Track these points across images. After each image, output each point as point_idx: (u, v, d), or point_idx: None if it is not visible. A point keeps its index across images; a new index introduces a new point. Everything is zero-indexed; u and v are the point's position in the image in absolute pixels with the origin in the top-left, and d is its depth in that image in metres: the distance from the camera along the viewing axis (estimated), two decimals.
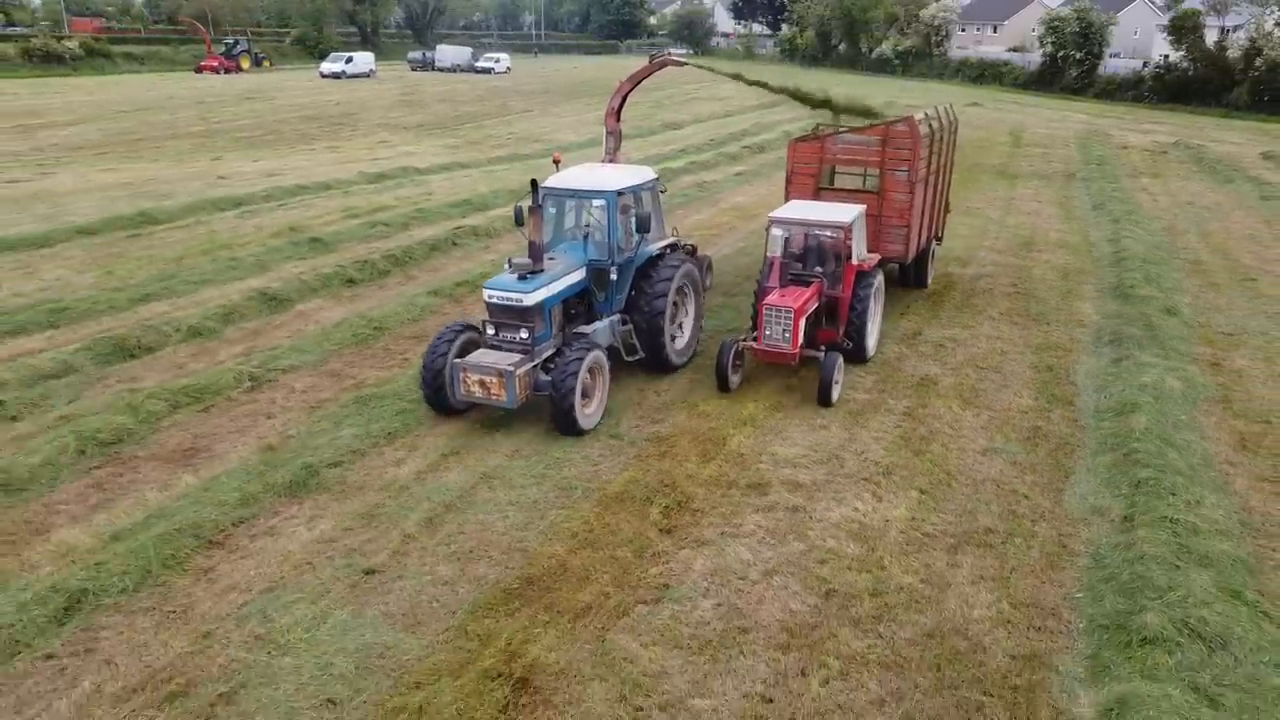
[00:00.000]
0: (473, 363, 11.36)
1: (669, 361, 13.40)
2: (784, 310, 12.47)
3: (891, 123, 16.04)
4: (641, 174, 13.59)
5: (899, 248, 15.94)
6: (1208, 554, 8.85)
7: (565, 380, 11.16)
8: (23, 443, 11.26)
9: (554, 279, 11.93)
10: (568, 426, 11.41)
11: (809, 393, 13.02)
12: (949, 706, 7.15)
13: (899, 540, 9.45)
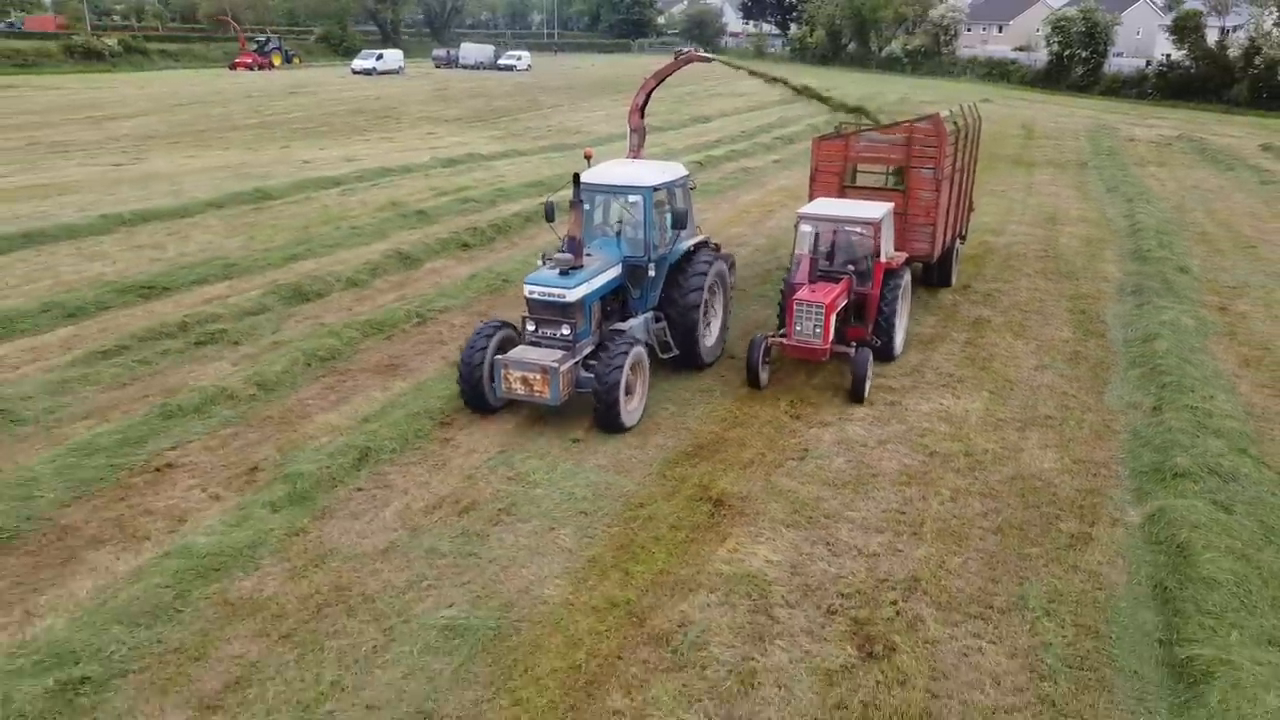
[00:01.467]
0: (515, 359, 11.26)
1: (701, 358, 13.32)
2: (815, 306, 12.41)
3: (917, 121, 16.05)
4: (674, 170, 13.38)
5: (925, 246, 15.86)
6: (1220, 429, 11.50)
7: (610, 376, 11.04)
8: (255, 359, 13.89)
9: (594, 275, 11.76)
10: (611, 423, 11.31)
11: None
12: (1034, 518, 9.79)
13: (978, 423, 12.11)
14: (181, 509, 9.73)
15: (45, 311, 15.46)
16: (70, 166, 30.15)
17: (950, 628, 7.90)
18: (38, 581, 8.44)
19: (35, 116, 44.29)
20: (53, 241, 20.05)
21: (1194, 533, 8.98)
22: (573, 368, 11.36)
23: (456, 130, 44.25)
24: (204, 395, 12.27)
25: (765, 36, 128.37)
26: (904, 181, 15.76)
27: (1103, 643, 7.73)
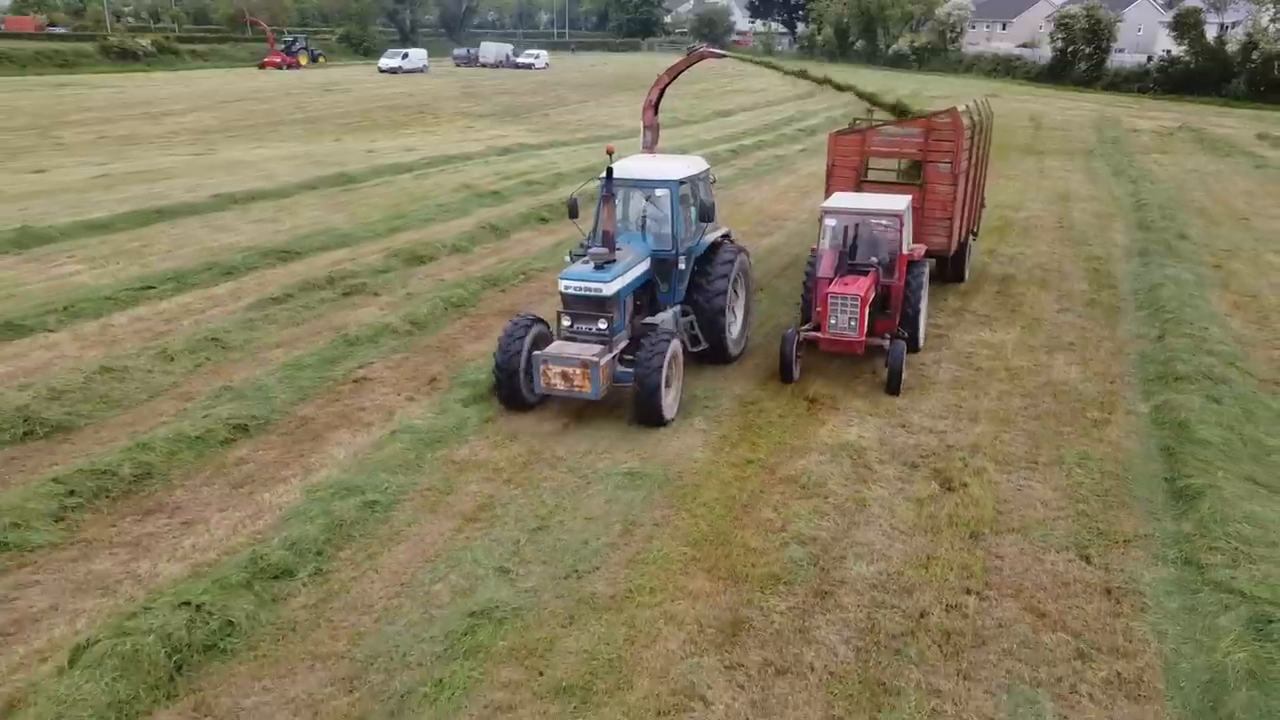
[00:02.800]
0: (554, 354, 11.26)
1: (728, 352, 13.39)
2: (850, 298, 12.48)
3: (934, 115, 16.32)
4: (697, 164, 13.48)
5: (942, 240, 15.96)
6: (1212, 349, 14.05)
7: (652, 369, 11.05)
8: (399, 306, 16.44)
9: (628, 269, 11.83)
10: (653, 416, 11.33)
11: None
12: (1064, 410, 12.34)
13: (1014, 348, 14.68)
14: (388, 405, 12.32)
15: (207, 270, 18.07)
16: (155, 156, 32.76)
17: (1006, 474, 10.49)
18: (302, 450, 11.03)
19: (96, 113, 46.86)
20: (181, 217, 22.67)
21: (1191, 414, 11.55)
22: (611, 362, 11.37)
23: (493, 125, 46.82)
24: (372, 330, 14.86)
25: (774, 35, 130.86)
26: (921, 176, 15.90)
27: (1121, 482, 10.31)
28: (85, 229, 20.96)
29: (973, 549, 8.94)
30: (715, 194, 13.89)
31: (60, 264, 18.47)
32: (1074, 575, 8.53)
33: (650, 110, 16.38)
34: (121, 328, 14.97)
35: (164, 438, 10.81)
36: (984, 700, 6.91)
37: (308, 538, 8.81)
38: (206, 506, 9.70)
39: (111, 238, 20.56)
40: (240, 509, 9.63)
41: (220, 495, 9.95)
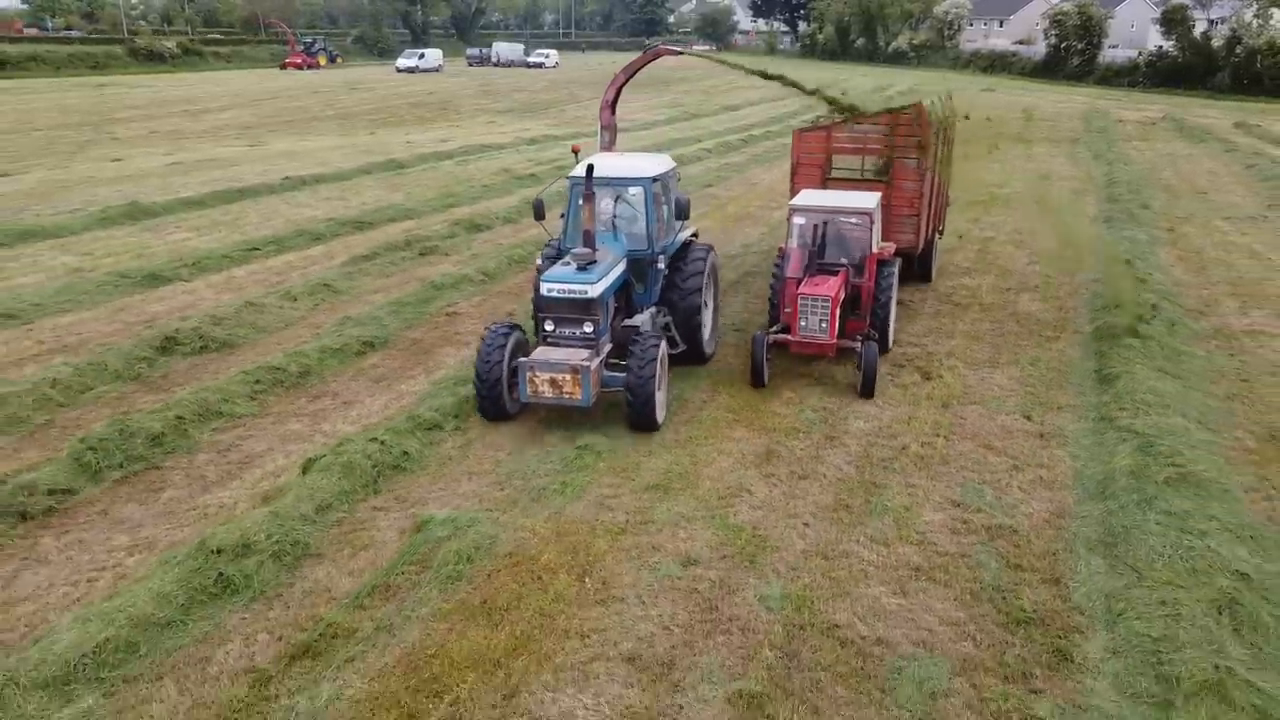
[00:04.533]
0: (541, 360, 10.84)
1: (703, 352, 13.22)
2: (821, 299, 12.17)
3: (900, 110, 16.06)
4: (664, 161, 13.26)
5: (910, 237, 15.68)
6: (1151, 288, 16.99)
7: (644, 370, 10.74)
8: (468, 263, 19.41)
9: (609, 270, 11.45)
10: (646, 421, 10.98)
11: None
12: (1024, 330, 15.29)
13: (987, 290, 17.65)
14: (479, 331, 15.28)
15: (299, 236, 21.09)
16: (211, 148, 35.76)
17: (973, 370, 13.47)
18: (419, 359, 14.03)
19: (140, 111, 49.85)
20: (261, 196, 25.70)
21: (1122, 330, 14.50)
22: (600, 366, 11.04)
23: (514, 120, 49.75)
24: (452, 279, 17.86)
25: (776, 34, 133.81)
26: (887, 172, 15.65)
27: (1061, 374, 13.30)
28: (182, 205, 23.98)
29: (943, 413, 11.94)
30: (726, 178, 15.49)
31: (171, 232, 21.49)
32: (1017, 427, 11.53)
33: (607, 110, 15.99)
34: (244, 278, 17.98)
35: (312, 349, 13.83)
36: (945, 490, 9.90)
37: (445, 407, 11.80)
38: (359, 393, 12.71)
39: (206, 212, 23.58)
40: (385, 395, 12.64)
41: (366, 386, 12.95)
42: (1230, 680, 6.57)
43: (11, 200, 24.16)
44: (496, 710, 6.66)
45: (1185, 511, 8.93)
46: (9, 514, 9.18)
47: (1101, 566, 8.44)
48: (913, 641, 7.42)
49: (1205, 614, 7.37)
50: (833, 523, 9.22)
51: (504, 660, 7.17)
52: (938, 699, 6.76)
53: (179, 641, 7.41)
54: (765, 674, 6.99)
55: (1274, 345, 14.48)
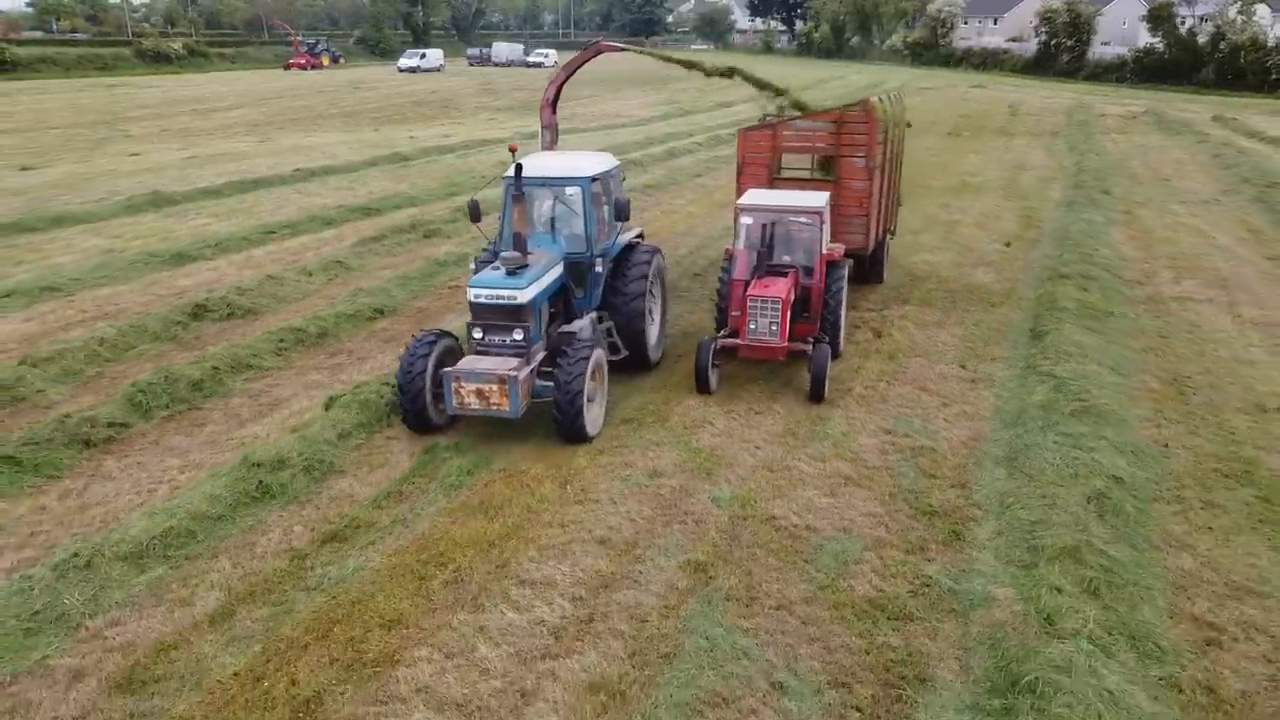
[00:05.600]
0: (467, 370, 10.39)
1: (648, 358, 12.84)
2: (771, 301, 11.81)
3: (847, 107, 15.71)
4: (608, 160, 12.79)
5: (860, 238, 15.41)
6: (1097, 262, 18.49)
7: (572, 383, 10.32)
8: (469, 244, 20.96)
9: (542, 274, 11.00)
10: (575, 433, 10.57)
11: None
12: (973, 298, 16.80)
13: (946, 265, 19.17)
14: None
15: (311, 221, 22.68)
16: (223, 143, 37.38)
17: (921, 329, 15.01)
18: (424, 324, 15.55)
19: (151, 110, 51.49)
20: (274, 186, 27.28)
21: (1060, 296, 16.03)
22: (529, 375, 10.58)
23: (514, 117, 51.34)
24: (455, 257, 19.43)
25: (774, 33, 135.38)
26: (834, 171, 15.43)
27: (999, 333, 14.84)
28: (201, 194, 25.57)
29: (888, 364, 13.50)
30: (714, 168, 15.52)
31: (192, 218, 23.07)
32: (952, 374, 13.08)
33: (548, 109, 15.46)
34: (262, 257, 19.55)
35: (328, 315, 15.40)
36: (880, 421, 11.46)
37: None
38: (371, 350, 14.27)
39: (224, 200, 25.17)
40: (395, 351, 14.10)
41: (378, 345, 14.51)
42: (1085, 548, 8.10)
43: (41, 191, 25.78)
44: (491, 575, 8.21)
45: (1080, 434, 10.47)
46: (75, 442, 10.74)
47: (1002, 475, 9.99)
48: (835, 528, 8.97)
49: (1077, 504, 8.90)
50: (780, 445, 10.77)
51: (498, 542, 8.73)
52: (849, 565, 8.31)
53: (229, 531, 8.97)
54: (711, 549, 8.55)
55: (1197, 309, 16.02)
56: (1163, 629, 7.31)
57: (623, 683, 6.82)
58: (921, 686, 6.79)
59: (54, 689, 6.83)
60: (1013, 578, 7.99)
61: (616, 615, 7.62)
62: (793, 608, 7.71)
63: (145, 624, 7.58)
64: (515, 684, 6.84)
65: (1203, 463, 10.25)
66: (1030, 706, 6.21)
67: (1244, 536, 8.76)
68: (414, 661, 7.07)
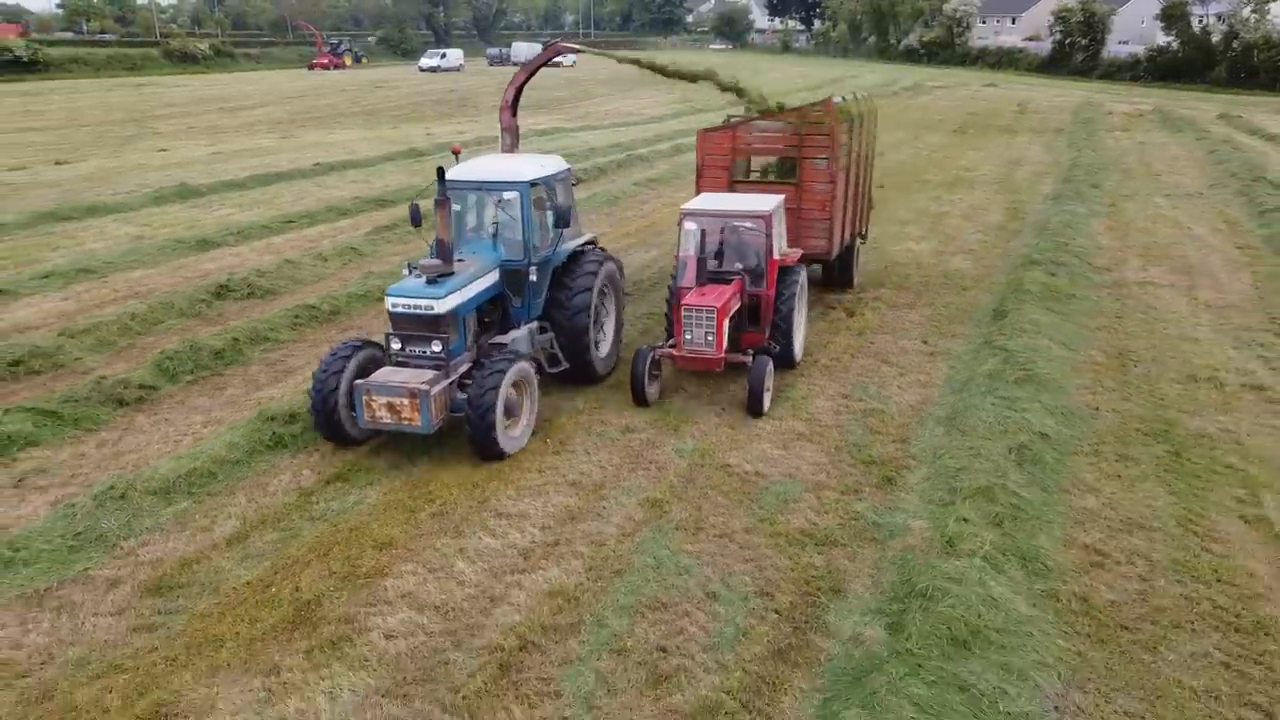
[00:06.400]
0: (378, 383, 9.98)
1: (594, 370, 12.37)
2: (706, 310, 11.35)
3: (808, 107, 15.19)
4: (554, 163, 12.35)
5: (822, 242, 15.03)
6: (1070, 250, 19.38)
7: (484, 397, 9.86)
8: None
9: (467, 283, 10.62)
10: (487, 450, 10.09)
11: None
12: (947, 283, 17.73)
13: (927, 253, 20.14)
14: None
15: (328, 211, 23.96)
16: (247, 140, 38.84)
17: (892, 310, 16.03)
18: None
19: (179, 108, 53.16)
20: (294, 179, 28.61)
21: (1031, 283, 16.96)
22: (447, 389, 10.19)
23: (530, 115, 52.32)
24: None
25: (791, 32, 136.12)
26: (796, 173, 15.00)
27: (966, 313, 15.82)
28: (224, 186, 26.93)
29: (857, 339, 14.54)
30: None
31: (216, 209, 24.39)
32: (914, 349, 14.11)
33: (507, 111, 15.24)
34: (281, 244, 20.82)
35: (341, 294, 16.62)
36: (839, 388, 12.51)
37: None
38: (380, 327, 15.19)
39: (247, 193, 26.50)
40: None
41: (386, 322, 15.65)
42: (998, 489, 9.12)
43: (74, 183, 27.23)
44: (472, 509, 9.35)
45: (1018, 398, 11.47)
46: (110, 401, 11.98)
47: (940, 432, 11.03)
48: (782, 474, 10.04)
49: (1000, 455, 9.91)
50: (743, 407, 11.83)
51: (481, 483, 9.87)
52: (789, 503, 9.38)
53: (245, 473, 10.16)
54: (668, 490, 9.65)
55: (1157, 293, 16.93)
56: (1053, 553, 8.33)
57: (578, 591, 7.93)
58: (835, 596, 7.86)
59: (94, 593, 8.02)
60: (930, 513, 9.03)
61: (579, 541, 8.74)
62: (734, 536, 8.80)
63: (171, 545, 8.77)
64: (486, 592, 7.97)
65: (1127, 424, 11.23)
66: (920, 608, 7.25)
67: (1148, 483, 9.75)
68: (401, 574, 8.21)
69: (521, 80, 15.36)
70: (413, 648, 7.24)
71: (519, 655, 7.11)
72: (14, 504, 9.54)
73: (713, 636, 7.33)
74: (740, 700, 6.60)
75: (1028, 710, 6.32)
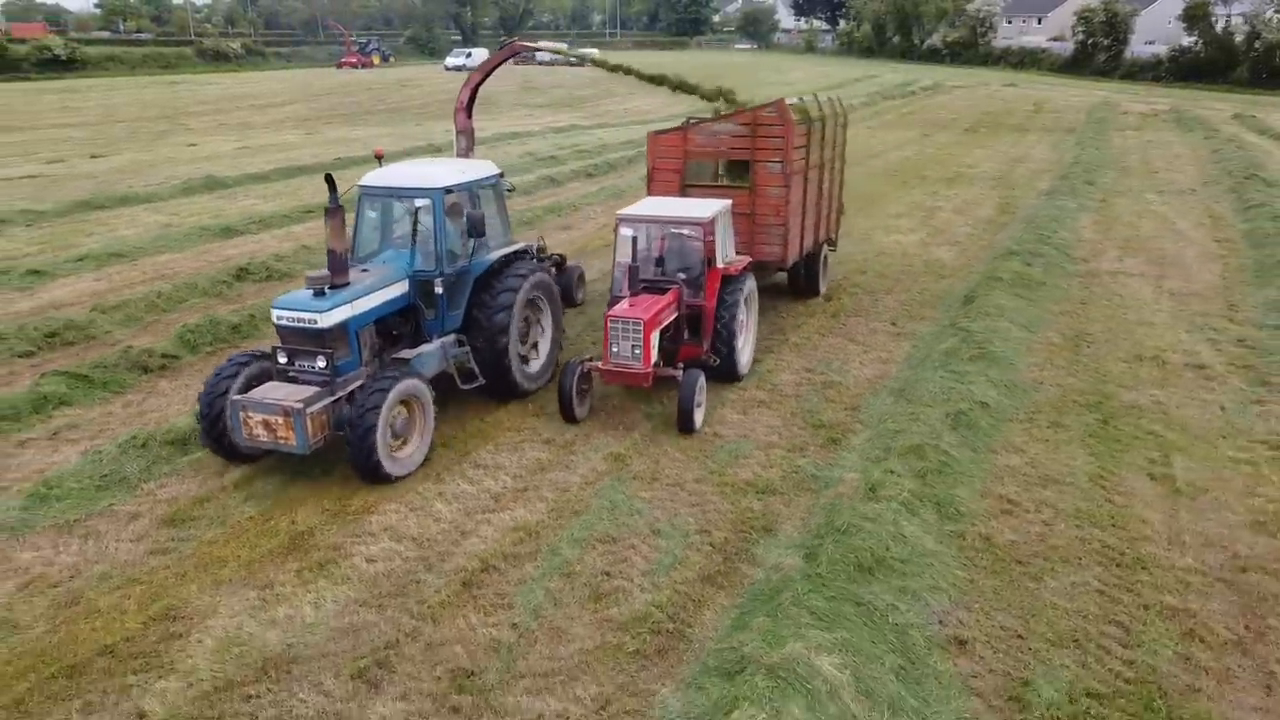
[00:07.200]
0: (254, 400, 9.52)
1: (517, 386, 11.77)
2: (632, 323, 10.82)
3: (760, 108, 14.52)
4: (480, 169, 11.97)
5: (776, 249, 14.43)
6: (1052, 243, 20.15)
7: (364, 418, 9.40)
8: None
9: (361, 294, 10.22)
10: (370, 473, 9.63)
11: None
12: (928, 272, 18.59)
13: (914, 244, 20.98)
14: None
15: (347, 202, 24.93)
16: (274, 136, 40.24)
17: (869, 295, 16.92)
18: None
19: (210, 105, 54.80)
20: (316, 172, 29.76)
21: (1004, 271, 17.78)
22: (329, 407, 9.67)
23: (549, 113, 53.84)
24: None
25: (816, 32, 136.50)
26: (749, 177, 14.39)
27: (939, 298, 16.68)
28: (249, 179, 28.25)
29: (830, 321, 15.47)
30: None
31: (241, 200, 25.68)
32: (882, 329, 15.02)
33: (462, 113, 14.83)
34: (300, 232, 22.02)
35: None
36: (804, 363, 13.46)
37: None
38: None
39: (270, 185, 27.80)
40: None
41: None
42: (929, 448, 10.04)
43: (108, 176, 28.66)
44: (454, 460, 10.41)
45: (967, 372, 12.35)
46: (135, 368, 13.16)
47: (889, 401, 11.95)
48: (737, 435, 11.02)
49: (938, 420, 10.81)
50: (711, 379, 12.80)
51: (463, 439, 10.93)
52: (739, 459, 10.36)
53: None
54: (631, 446, 10.66)
55: (1126, 282, 17.70)
56: (969, 501, 9.25)
57: (538, 527, 8.96)
58: (766, 534, 8.84)
59: (116, 524, 9.15)
60: (864, 468, 9.97)
61: (545, 488, 9.78)
62: (685, 485, 9.79)
63: (186, 486, 9.90)
64: (459, 527, 9.02)
65: (1066, 396, 12.09)
66: (834, 541, 8.19)
67: (1072, 446, 10.63)
68: (385, 512, 9.28)
69: (477, 81, 15.11)
70: (390, 569, 8.30)
71: (480, 576, 8.15)
72: (49, 452, 10.70)
73: (652, 564, 8.32)
74: (668, 613, 7.60)
75: (913, 621, 7.27)
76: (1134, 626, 7.37)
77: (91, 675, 6.97)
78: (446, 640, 7.32)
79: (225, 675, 6.95)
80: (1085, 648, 7.12)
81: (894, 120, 48.33)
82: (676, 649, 7.20)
